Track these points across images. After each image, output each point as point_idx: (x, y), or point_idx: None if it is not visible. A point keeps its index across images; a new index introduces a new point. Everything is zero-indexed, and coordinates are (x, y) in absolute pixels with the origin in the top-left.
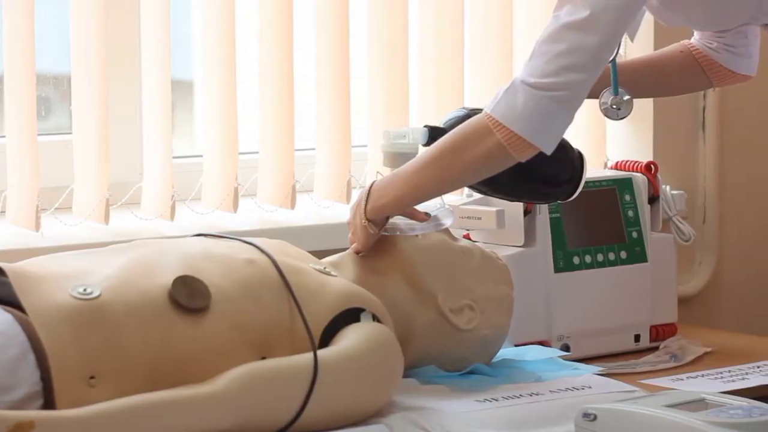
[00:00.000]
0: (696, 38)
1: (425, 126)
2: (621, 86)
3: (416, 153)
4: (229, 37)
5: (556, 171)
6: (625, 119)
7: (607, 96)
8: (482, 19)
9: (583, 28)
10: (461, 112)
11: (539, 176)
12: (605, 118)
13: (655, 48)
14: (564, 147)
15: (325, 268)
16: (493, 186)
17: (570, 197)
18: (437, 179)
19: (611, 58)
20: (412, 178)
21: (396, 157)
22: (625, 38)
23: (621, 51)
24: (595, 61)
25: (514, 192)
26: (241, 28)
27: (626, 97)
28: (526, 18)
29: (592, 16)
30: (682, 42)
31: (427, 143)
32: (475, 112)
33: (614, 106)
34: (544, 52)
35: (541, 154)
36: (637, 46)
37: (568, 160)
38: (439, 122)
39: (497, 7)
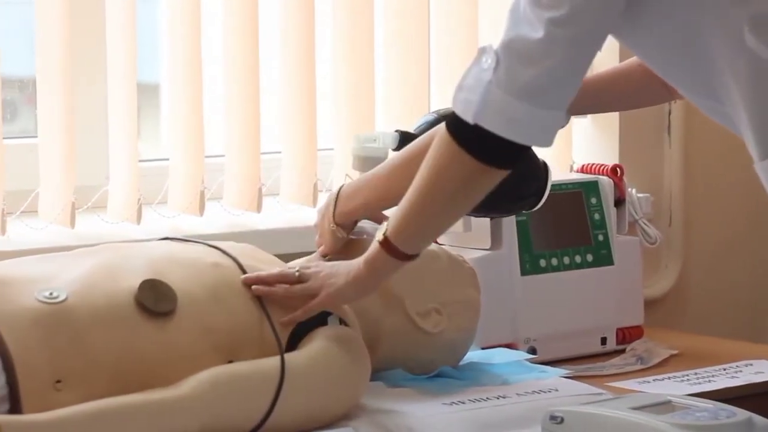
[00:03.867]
0: None
1: (396, 130)
2: None
3: (386, 157)
4: (195, 40)
5: (522, 180)
6: (590, 123)
7: None
8: (447, 21)
9: None
10: (431, 117)
11: (505, 187)
12: (572, 121)
13: (621, 59)
14: (530, 157)
15: None
16: None
17: (534, 207)
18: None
19: None
20: (381, 183)
21: (365, 161)
22: None
23: None
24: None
25: (478, 205)
26: (207, 31)
27: None
28: (492, 18)
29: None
30: None
31: (398, 147)
32: (446, 116)
33: None
34: None
35: None
36: (604, 56)
37: (534, 170)
38: (408, 126)
39: (462, 8)
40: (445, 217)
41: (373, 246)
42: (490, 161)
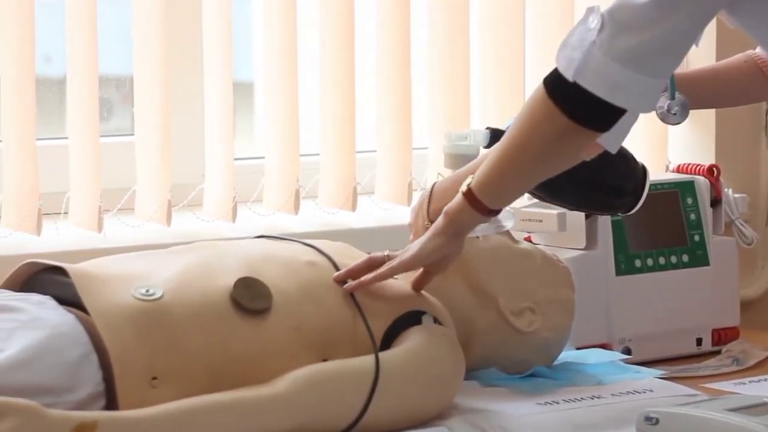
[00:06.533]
0: (761, 49)
1: (487, 128)
2: (678, 92)
3: (477, 154)
4: (290, 39)
5: (620, 181)
6: (686, 123)
7: (664, 101)
8: (542, 21)
9: None
10: None
11: (603, 185)
12: None
13: (718, 56)
14: (629, 158)
15: None
16: (555, 193)
17: (630, 210)
18: None
19: None
20: None
21: (456, 159)
22: None
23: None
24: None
25: (575, 200)
26: (302, 29)
27: (682, 102)
28: None
29: None
30: (746, 52)
31: (489, 145)
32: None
33: (670, 111)
34: None
35: (606, 164)
36: (700, 54)
37: (632, 171)
38: (500, 124)
39: (557, 9)
40: (531, 175)
41: (457, 197)
42: (583, 121)
